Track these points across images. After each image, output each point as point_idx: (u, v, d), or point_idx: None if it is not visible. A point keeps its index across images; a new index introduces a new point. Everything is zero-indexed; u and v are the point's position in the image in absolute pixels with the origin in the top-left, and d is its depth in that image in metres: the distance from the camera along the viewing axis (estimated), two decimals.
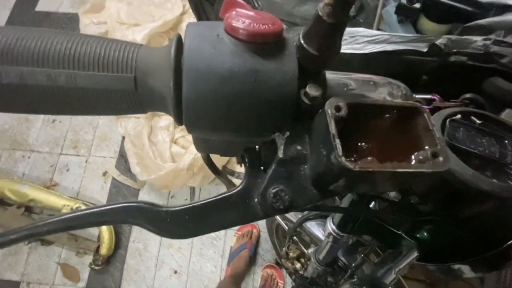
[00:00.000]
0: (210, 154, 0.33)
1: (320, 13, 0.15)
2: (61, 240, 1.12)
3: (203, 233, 0.20)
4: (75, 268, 1.15)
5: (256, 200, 0.19)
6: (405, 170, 0.14)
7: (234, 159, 1.24)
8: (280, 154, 0.18)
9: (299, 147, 0.18)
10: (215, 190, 1.25)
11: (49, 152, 1.31)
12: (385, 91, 0.17)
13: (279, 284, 1.12)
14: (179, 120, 0.18)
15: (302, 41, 0.17)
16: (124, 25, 1.41)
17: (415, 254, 0.32)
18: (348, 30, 0.35)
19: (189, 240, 1.19)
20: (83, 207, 1.13)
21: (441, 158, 0.15)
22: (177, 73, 0.17)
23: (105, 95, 0.17)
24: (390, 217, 0.35)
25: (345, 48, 0.33)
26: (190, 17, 1.40)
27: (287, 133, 0.18)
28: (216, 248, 1.18)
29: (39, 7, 1.58)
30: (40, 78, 0.16)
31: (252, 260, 1.14)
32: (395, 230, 0.34)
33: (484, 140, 0.23)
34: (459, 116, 0.25)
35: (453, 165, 0.21)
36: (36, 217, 1.19)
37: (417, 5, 0.35)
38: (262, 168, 0.20)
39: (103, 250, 1.11)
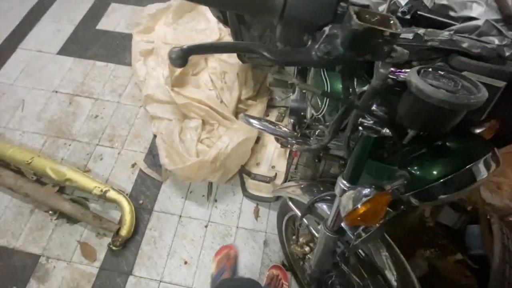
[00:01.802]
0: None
1: None
2: (87, 219, 1.22)
3: (293, 64, 0.39)
4: (93, 248, 1.22)
5: (313, 53, 0.34)
6: (385, 28, 0.30)
7: (250, 162, 1.36)
8: (326, 32, 0.34)
9: (335, 31, 0.34)
10: (230, 189, 1.36)
11: (88, 143, 1.47)
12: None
13: (284, 285, 1.15)
14: (281, 14, 0.34)
15: None
16: (168, 45, 1.67)
17: (404, 178, 0.43)
18: None
19: (202, 233, 1.26)
20: (111, 191, 1.26)
21: (398, 29, 0.31)
22: None
23: None
24: (384, 156, 0.47)
25: None
26: None
27: (330, 25, 0.34)
28: (225, 244, 1.24)
29: (100, 26, 1.89)
30: None
31: None
32: (390, 166, 0.46)
33: (444, 80, 0.37)
34: (430, 69, 0.39)
35: (424, 88, 0.35)
36: (66, 197, 1.30)
37: (408, 17, 0.52)
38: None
39: (123, 232, 1.20)
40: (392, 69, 0.39)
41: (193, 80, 1.55)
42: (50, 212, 1.28)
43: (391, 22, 0.31)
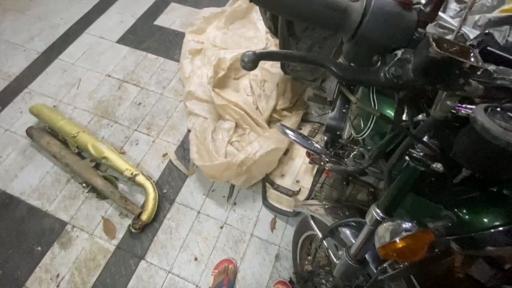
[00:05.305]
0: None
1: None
2: (114, 197, 1.29)
3: (358, 82, 0.38)
4: (114, 226, 1.29)
5: (382, 74, 0.35)
6: (463, 59, 0.30)
7: (275, 172, 1.36)
8: (399, 55, 0.34)
9: (408, 56, 0.34)
10: (251, 195, 1.36)
11: (128, 127, 1.57)
12: None
13: None
14: (354, 33, 0.35)
15: (421, 6, 0.35)
16: (216, 47, 1.75)
17: (450, 220, 0.40)
18: None
19: (216, 233, 1.27)
20: (140, 175, 1.32)
21: (479, 63, 0.31)
22: (365, 11, 0.35)
23: (325, 13, 0.35)
24: (428, 192, 0.44)
25: None
26: None
27: (403, 49, 0.35)
28: (237, 249, 1.24)
29: (157, 22, 2.03)
30: None
31: None
32: (435, 204, 0.43)
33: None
34: (498, 108, 0.36)
35: (491, 127, 0.33)
36: (100, 173, 1.39)
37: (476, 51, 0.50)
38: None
39: (144, 216, 1.25)
40: None
41: (234, 84, 1.60)
42: (84, 184, 1.37)
43: (471, 54, 0.29)
